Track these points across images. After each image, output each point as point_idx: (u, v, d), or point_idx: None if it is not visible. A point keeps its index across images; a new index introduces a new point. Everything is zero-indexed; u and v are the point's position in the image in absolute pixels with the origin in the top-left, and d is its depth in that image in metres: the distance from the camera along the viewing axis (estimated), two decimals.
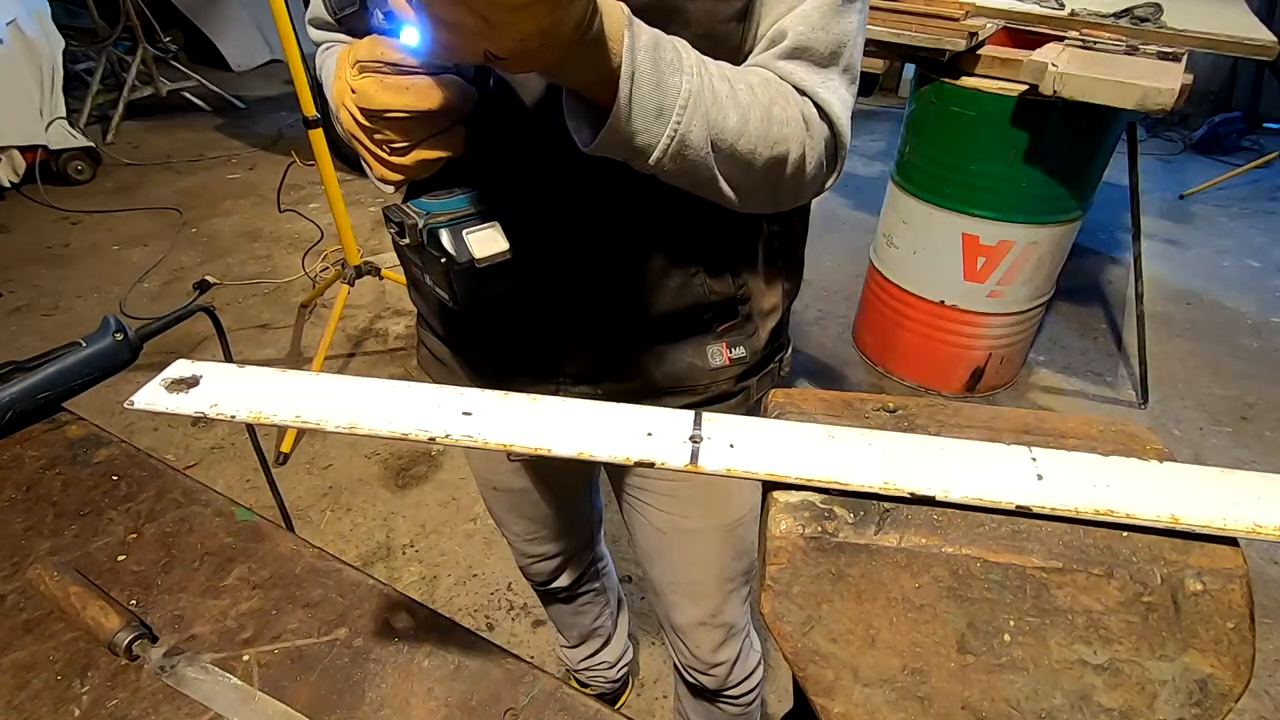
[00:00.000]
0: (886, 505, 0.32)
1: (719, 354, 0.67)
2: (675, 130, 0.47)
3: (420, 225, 0.49)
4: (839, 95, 0.57)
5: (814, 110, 0.56)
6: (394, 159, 0.48)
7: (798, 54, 0.55)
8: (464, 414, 0.35)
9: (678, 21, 0.52)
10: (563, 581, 1.09)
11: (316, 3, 0.65)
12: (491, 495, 0.96)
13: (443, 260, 0.49)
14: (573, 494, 1.01)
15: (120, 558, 0.54)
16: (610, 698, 1.37)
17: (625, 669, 1.35)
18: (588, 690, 1.19)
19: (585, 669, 1.30)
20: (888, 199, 2.11)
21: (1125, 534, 0.30)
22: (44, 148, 3.27)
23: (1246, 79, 4.25)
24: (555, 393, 0.68)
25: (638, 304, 0.63)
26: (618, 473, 0.84)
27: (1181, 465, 0.32)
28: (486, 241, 0.49)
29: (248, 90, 4.77)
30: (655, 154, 0.48)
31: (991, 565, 0.30)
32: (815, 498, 0.32)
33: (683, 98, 0.47)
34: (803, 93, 0.55)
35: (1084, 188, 1.82)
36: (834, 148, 0.58)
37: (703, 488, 0.77)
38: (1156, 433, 0.36)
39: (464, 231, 0.49)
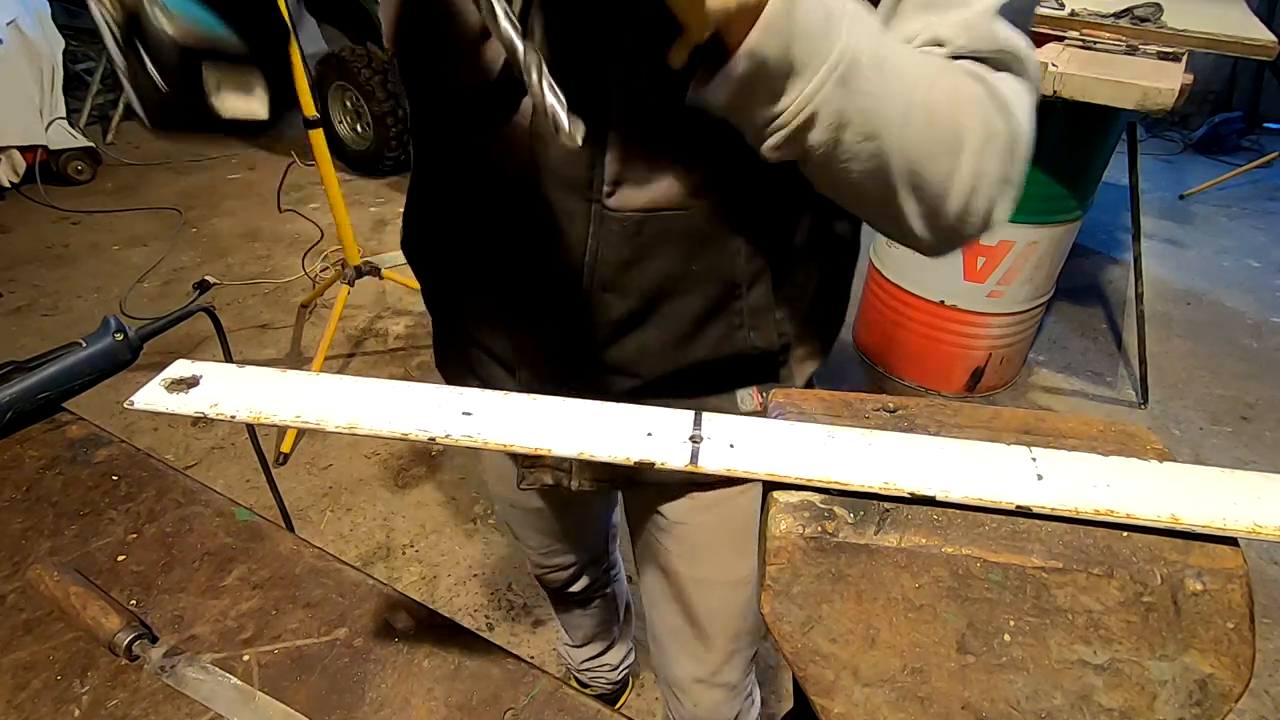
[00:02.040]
0: (886, 505, 0.32)
1: (749, 399, 0.64)
2: (845, 50, 0.37)
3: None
4: (1025, 102, 0.47)
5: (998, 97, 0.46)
6: None
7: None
8: (464, 414, 0.35)
9: None
10: (577, 587, 1.09)
11: None
12: (509, 512, 0.94)
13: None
14: (590, 511, 0.99)
15: (120, 558, 0.54)
16: (610, 698, 1.37)
17: (626, 671, 1.35)
18: (588, 690, 1.19)
19: (587, 669, 1.30)
20: None
21: (1125, 534, 0.30)
22: (44, 148, 3.28)
23: (1246, 79, 4.25)
24: None
25: (674, 352, 0.59)
26: (637, 510, 0.81)
27: (1181, 465, 0.32)
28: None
29: None
30: (816, 80, 0.38)
31: (991, 565, 0.30)
32: (815, 498, 0.32)
33: (851, 7, 0.39)
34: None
35: (1084, 188, 1.82)
36: (1011, 158, 0.46)
37: (722, 540, 0.74)
38: (1156, 433, 0.36)
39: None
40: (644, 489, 0.76)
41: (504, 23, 0.37)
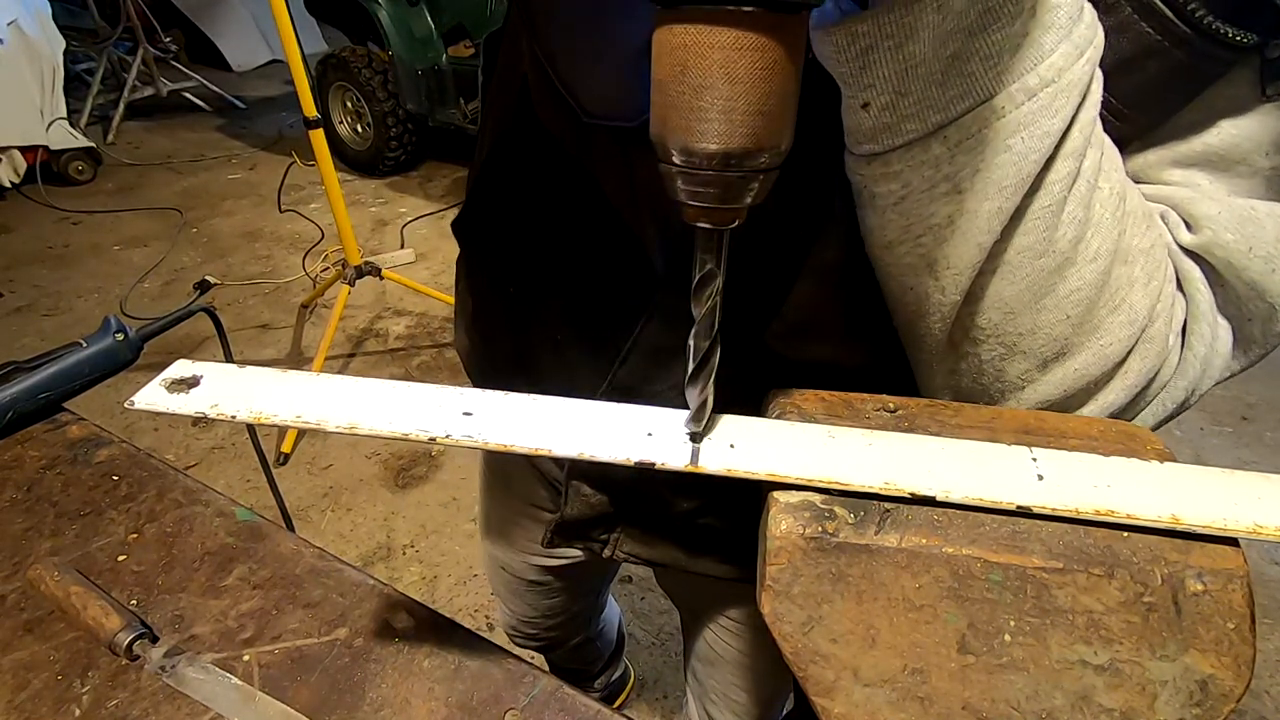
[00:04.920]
0: (887, 505, 0.32)
1: None
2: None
3: None
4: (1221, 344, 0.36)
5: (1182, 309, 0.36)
6: None
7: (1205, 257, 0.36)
8: (464, 414, 0.35)
9: None
10: (554, 655, 1.07)
11: None
12: (498, 574, 0.90)
13: None
14: (585, 593, 0.96)
15: (121, 558, 0.54)
16: (607, 697, 1.37)
17: (612, 689, 1.33)
18: None
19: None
20: None
21: (1126, 534, 0.30)
22: (45, 148, 3.28)
23: None
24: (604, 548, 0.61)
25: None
26: (684, 596, 0.77)
27: (1182, 466, 0.32)
28: None
29: (248, 90, 4.78)
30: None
31: (992, 565, 0.30)
32: (816, 498, 0.32)
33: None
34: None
35: None
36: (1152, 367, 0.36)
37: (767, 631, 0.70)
38: (1157, 433, 0.36)
39: None
40: (697, 582, 0.66)
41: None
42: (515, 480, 0.77)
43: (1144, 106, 0.34)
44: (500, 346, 0.61)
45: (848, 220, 0.37)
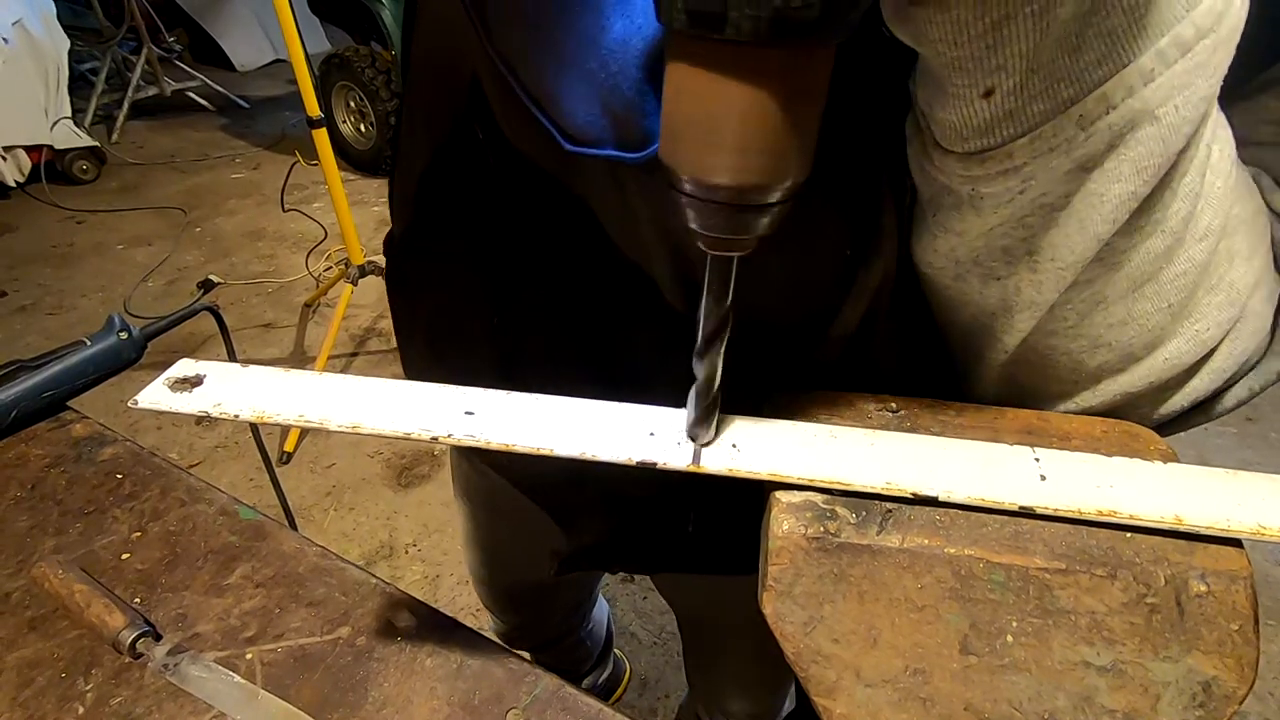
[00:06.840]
0: (889, 505, 0.32)
1: None
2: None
3: None
4: None
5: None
6: None
7: None
8: (466, 413, 0.35)
9: None
10: (544, 657, 1.07)
11: None
12: (487, 593, 0.89)
13: None
14: (578, 597, 0.96)
15: (124, 556, 0.54)
16: (602, 692, 1.36)
17: (606, 686, 1.32)
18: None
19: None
20: None
21: (1129, 535, 0.30)
22: (49, 147, 3.29)
23: None
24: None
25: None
26: (684, 600, 0.74)
27: (1185, 466, 0.32)
28: None
29: (252, 90, 4.78)
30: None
31: (994, 566, 0.30)
32: (818, 498, 0.32)
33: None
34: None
35: None
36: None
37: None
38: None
39: None
40: (697, 583, 0.64)
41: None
42: (504, 507, 0.75)
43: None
44: (477, 366, 0.52)
45: (899, 234, 0.34)
